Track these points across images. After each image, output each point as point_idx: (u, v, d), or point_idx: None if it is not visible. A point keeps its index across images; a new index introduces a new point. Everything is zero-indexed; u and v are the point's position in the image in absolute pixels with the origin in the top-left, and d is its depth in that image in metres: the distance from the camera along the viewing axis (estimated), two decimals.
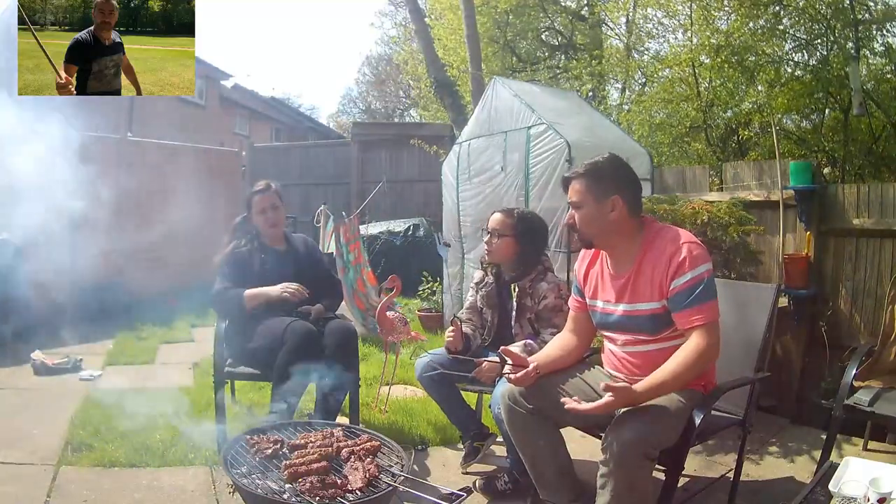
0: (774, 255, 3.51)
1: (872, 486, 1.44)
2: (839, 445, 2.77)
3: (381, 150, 8.63)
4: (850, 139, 4.74)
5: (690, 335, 1.77)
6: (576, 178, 1.92)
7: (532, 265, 2.51)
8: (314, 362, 2.46)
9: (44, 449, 2.61)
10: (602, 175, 1.90)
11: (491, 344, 2.52)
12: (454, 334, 2.44)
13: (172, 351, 4.53)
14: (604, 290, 1.98)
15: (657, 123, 6.02)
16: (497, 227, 2.51)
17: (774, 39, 5.20)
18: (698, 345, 1.74)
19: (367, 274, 5.14)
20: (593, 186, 1.89)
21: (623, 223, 1.89)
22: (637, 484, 1.64)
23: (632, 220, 1.91)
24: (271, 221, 2.79)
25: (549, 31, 9.42)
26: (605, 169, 1.91)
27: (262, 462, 1.72)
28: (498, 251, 2.50)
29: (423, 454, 2.78)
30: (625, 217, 1.89)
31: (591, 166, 1.91)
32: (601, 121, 4.78)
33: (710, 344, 1.76)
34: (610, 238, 1.92)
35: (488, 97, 4.50)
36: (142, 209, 6.07)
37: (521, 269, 2.51)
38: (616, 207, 1.87)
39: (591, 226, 1.91)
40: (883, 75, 5.03)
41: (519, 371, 1.87)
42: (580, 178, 1.91)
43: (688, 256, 1.78)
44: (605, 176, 1.90)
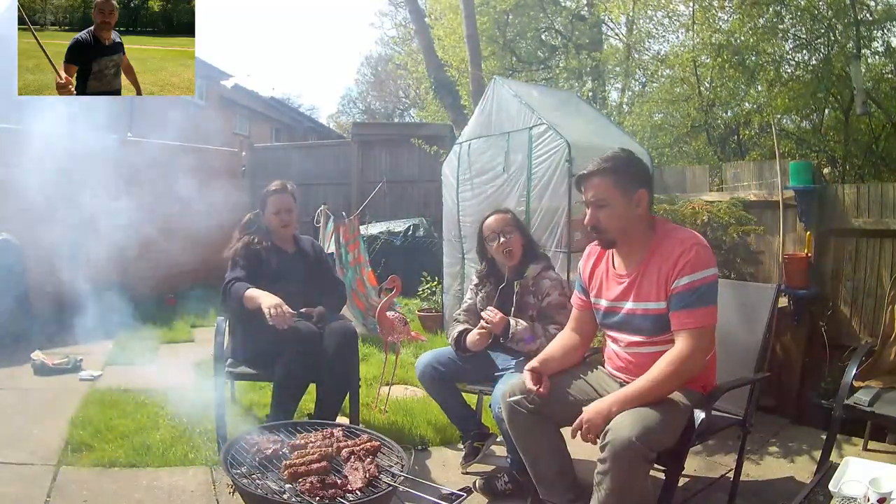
0: (774, 255, 3.51)
1: (872, 486, 1.44)
2: (839, 445, 2.76)
3: (381, 150, 8.62)
4: (849, 139, 4.74)
5: (678, 338, 1.74)
6: (599, 175, 1.81)
7: (534, 255, 2.52)
8: (315, 362, 2.46)
9: (44, 449, 2.61)
10: (627, 169, 1.81)
11: (490, 344, 2.51)
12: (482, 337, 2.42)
13: (172, 351, 4.53)
14: (608, 289, 1.94)
15: (657, 123, 6.02)
16: (504, 226, 2.51)
17: (775, 39, 5.19)
18: (681, 351, 1.71)
19: (368, 274, 5.14)
20: (620, 182, 1.79)
21: (643, 220, 1.84)
22: (633, 484, 1.63)
23: (648, 217, 1.87)
24: (284, 222, 2.78)
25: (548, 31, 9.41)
26: (628, 162, 1.83)
27: (262, 462, 1.72)
28: (516, 248, 2.50)
29: (423, 454, 2.78)
30: (645, 213, 1.84)
31: (614, 161, 1.81)
32: (601, 121, 4.78)
33: (695, 349, 1.71)
34: (629, 236, 1.85)
35: (488, 97, 4.49)
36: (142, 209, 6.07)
37: (527, 261, 2.51)
38: (642, 202, 1.81)
39: (619, 223, 1.82)
40: (883, 75, 5.03)
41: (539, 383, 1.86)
42: (605, 173, 1.80)
43: (695, 257, 1.74)
44: (630, 170, 1.82)
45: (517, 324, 2.36)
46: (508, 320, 2.38)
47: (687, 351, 1.71)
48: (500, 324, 2.36)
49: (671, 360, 1.72)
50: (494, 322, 2.36)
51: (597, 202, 1.83)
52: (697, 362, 1.75)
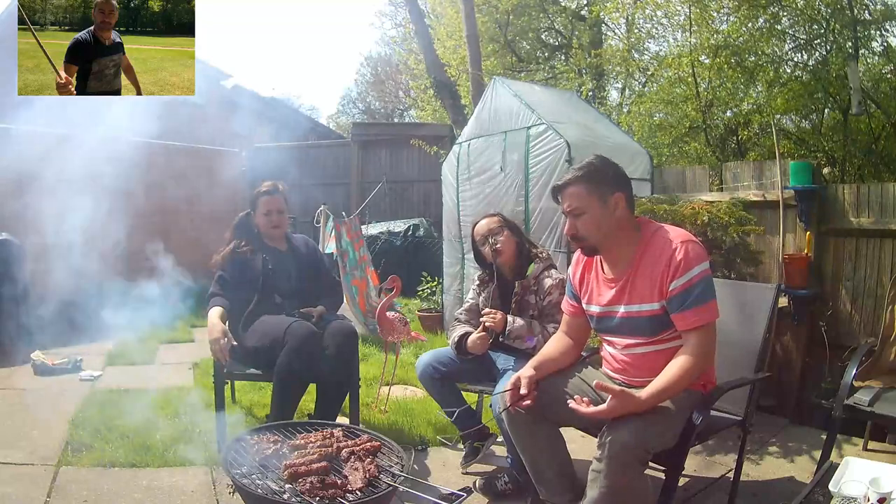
0: (774, 255, 3.51)
1: (872, 486, 1.44)
2: (839, 445, 2.77)
3: (380, 150, 8.63)
4: (849, 139, 4.74)
5: (688, 338, 1.75)
6: (573, 184, 1.83)
7: (527, 255, 2.53)
8: (314, 363, 2.46)
9: (44, 449, 2.61)
10: (601, 175, 1.84)
11: (492, 344, 2.51)
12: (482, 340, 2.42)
13: (172, 351, 4.53)
14: (600, 294, 1.94)
15: (657, 124, 6.02)
16: (494, 227, 2.53)
17: (773, 40, 5.20)
18: (696, 348, 1.73)
19: (371, 273, 5.14)
20: (595, 188, 1.82)
21: (624, 222, 1.85)
22: (627, 485, 1.63)
23: (631, 218, 1.88)
24: (275, 223, 2.78)
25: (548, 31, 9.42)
26: (601, 168, 1.85)
27: (262, 462, 1.72)
28: (506, 248, 2.51)
29: (423, 454, 2.78)
30: (626, 215, 1.85)
31: (587, 169, 1.84)
32: (601, 121, 4.78)
33: (708, 345, 1.75)
34: (613, 240, 1.86)
35: (488, 97, 4.50)
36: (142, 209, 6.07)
37: (522, 261, 2.53)
38: (619, 206, 1.83)
39: (599, 230, 1.84)
40: (882, 75, 5.04)
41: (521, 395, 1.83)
42: (578, 182, 1.83)
43: (686, 256, 1.75)
44: (603, 176, 1.84)
45: (514, 321, 2.38)
46: (506, 317, 2.39)
47: (702, 348, 1.73)
48: (501, 322, 2.38)
49: (689, 357, 1.72)
50: (497, 320, 2.37)
51: (573, 211, 1.85)
52: (710, 357, 1.78)
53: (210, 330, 2.48)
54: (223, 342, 2.43)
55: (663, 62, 6.25)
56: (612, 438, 1.62)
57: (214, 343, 2.45)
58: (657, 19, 7.19)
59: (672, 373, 1.71)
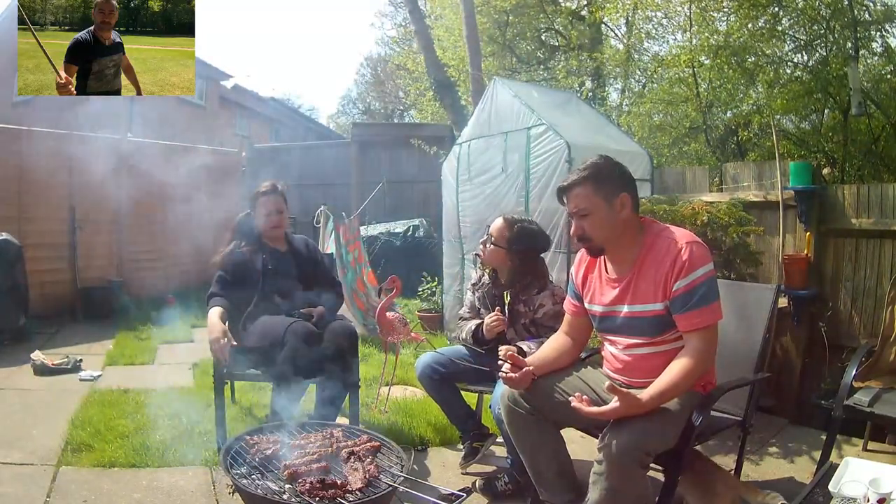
0: (774, 256, 3.51)
1: (872, 486, 1.44)
2: (839, 446, 2.77)
3: (380, 150, 8.63)
4: (849, 139, 4.74)
5: (690, 339, 1.75)
6: (579, 185, 1.82)
7: (521, 278, 2.48)
8: (314, 363, 2.46)
9: (44, 449, 2.61)
10: (606, 175, 1.83)
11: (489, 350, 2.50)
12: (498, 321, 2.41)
13: (172, 351, 4.52)
14: (602, 294, 1.94)
15: (657, 124, 6.02)
16: (494, 234, 2.50)
17: (773, 40, 5.20)
18: (698, 349, 1.73)
19: (368, 274, 5.14)
20: (601, 189, 1.81)
21: (629, 223, 1.85)
22: (628, 487, 1.63)
23: (636, 219, 1.88)
24: (274, 223, 2.78)
25: (548, 32, 9.42)
26: (607, 168, 1.85)
27: (262, 462, 1.72)
28: (489, 259, 2.52)
29: (423, 454, 2.78)
30: (631, 216, 1.84)
31: (592, 169, 1.83)
32: (601, 121, 4.78)
33: (710, 347, 1.75)
34: (618, 240, 1.86)
35: (488, 98, 4.50)
36: (142, 210, 6.07)
37: (512, 278, 2.50)
38: (625, 206, 1.82)
39: (605, 230, 1.83)
40: (882, 76, 5.04)
41: (516, 372, 1.86)
42: (584, 183, 1.81)
43: (691, 257, 1.74)
44: (609, 176, 1.83)
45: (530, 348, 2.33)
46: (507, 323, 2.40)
47: (704, 349, 1.73)
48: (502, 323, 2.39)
49: (690, 359, 1.72)
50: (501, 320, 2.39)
51: (579, 212, 1.84)
52: (711, 359, 1.79)
53: (210, 330, 2.48)
54: (223, 342, 2.44)
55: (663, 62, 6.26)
56: (614, 441, 1.62)
57: (214, 343, 2.45)
58: (657, 20, 7.20)
59: (673, 374, 1.71)
